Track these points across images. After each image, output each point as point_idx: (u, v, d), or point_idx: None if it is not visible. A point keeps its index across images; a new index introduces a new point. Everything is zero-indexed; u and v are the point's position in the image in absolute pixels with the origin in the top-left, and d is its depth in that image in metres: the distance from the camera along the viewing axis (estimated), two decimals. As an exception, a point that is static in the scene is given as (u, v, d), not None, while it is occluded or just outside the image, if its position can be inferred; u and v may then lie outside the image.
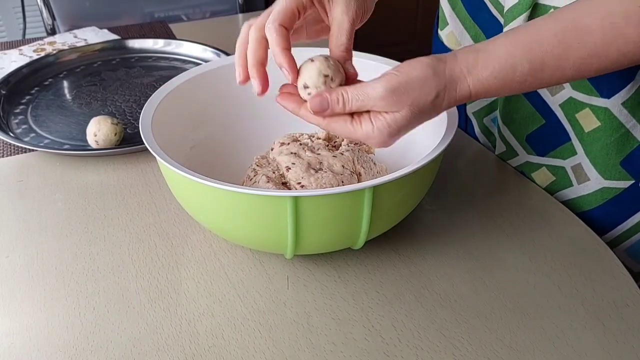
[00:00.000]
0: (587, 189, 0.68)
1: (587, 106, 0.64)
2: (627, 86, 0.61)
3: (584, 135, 0.66)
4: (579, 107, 0.64)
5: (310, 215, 0.51)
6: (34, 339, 0.52)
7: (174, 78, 0.68)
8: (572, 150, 0.68)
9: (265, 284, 0.58)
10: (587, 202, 0.69)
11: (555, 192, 0.71)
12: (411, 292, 0.56)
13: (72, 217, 0.67)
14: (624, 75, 0.60)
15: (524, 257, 0.60)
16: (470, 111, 0.82)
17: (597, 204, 0.68)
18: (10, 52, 1.10)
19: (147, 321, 0.54)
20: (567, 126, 0.67)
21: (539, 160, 0.71)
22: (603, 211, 0.68)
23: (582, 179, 0.68)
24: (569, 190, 0.70)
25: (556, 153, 0.69)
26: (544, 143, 0.70)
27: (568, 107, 0.66)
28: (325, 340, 0.52)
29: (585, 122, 0.65)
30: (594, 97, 0.63)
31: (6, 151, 0.80)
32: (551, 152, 0.70)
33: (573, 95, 0.64)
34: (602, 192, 0.67)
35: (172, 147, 0.58)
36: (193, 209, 0.58)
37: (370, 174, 0.60)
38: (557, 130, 0.68)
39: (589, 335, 0.52)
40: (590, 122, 0.64)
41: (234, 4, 1.56)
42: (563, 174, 0.70)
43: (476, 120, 0.82)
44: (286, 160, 0.59)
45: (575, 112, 0.65)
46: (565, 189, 0.70)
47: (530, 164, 0.72)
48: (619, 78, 0.61)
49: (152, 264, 0.60)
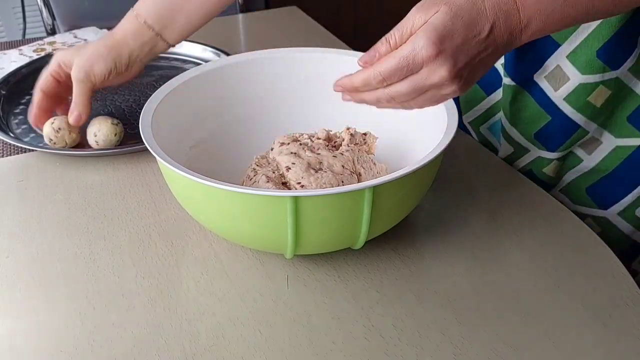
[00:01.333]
0: (601, 153, 0.70)
1: (600, 83, 0.65)
2: (631, 55, 0.65)
3: (596, 111, 0.67)
4: (591, 89, 0.66)
5: (310, 215, 0.51)
6: (34, 339, 0.52)
7: (173, 78, 0.68)
8: (583, 133, 0.70)
9: (265, 283, 0.58)
10: (599, 170, 0.71)
11: (563, 175, 0.74)
12: (411, 292, 0.56)
13: (72, 217, 0.67)
14: (628, 45, 0.64)
15: (524, 256, 0.60)
16: (466, 121, 0.83)
17: (611, 168, 0.70)
18: (10, 52, 1.10)
19: (147, 321, 0.54)
20: (574, 117, 0.68)
21: (550, 155, 0.73)
22: (617, 175, 0.70)
23: (593, 147, 0.71)
24: (578, 168, 0.72)
25: (566, 146, 0.71)
26: (553, 138, 0.72)
27: (576, 96, 0.67)
28: (326, 340, 0.52)
29: (597, 99, 0.66)
30: (606, 73, 0.65)
31: (6, 151, 0.80)
32: (561, 145, 0.72)
33: (583, 81, 0.66)
34: (616, 153, 0.69)
35: (172, 147, 0.58)
36: (193, 209, 0.58)
37: (370, 174, 0.60)
38: (564, 124, 0.69)
39: (589, 334, 0.52)
40: (603, 95, 0.66)
41: (234, 4, 1.56)
42: (571, 156, 0.72)
43: (473, 130, 0.83)
44: (286, 160, 0.59)
45: (587, 96, 0.66)
46: (573, 168, 0.73)
47: (541, 160, 0.74)
48: (623, 51, 0.64)
49: (152, 264, 0.60)
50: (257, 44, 1.17)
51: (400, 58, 0.48)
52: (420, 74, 0.48)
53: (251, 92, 0.74)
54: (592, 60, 0.64)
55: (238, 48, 1.13)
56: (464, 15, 0.47)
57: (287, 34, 1.21)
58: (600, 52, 0.64)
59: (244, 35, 1.25)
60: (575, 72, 0.66)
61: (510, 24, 0.49)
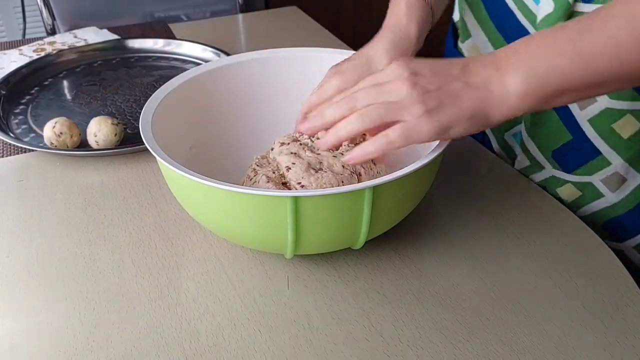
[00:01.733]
0: (625, 192, 0.67)
1: (628, 112, 0.62)
2: None
3: (622, 143, 0.64)
4: (618, 116, 0.63)
5: (310, 215, 0.51)
6: (34, 339, 0.52)
7: (174, 78, 0.68)
8: (604, 163, 0.66)
9: (265, 284, 0.58)
10: (622, 206, 0.67)
11: (581, 207, 0.69)
12: (411, 292, 0.56)
13: (72, 217, 0.67)
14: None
15: (524, 257, 0.60)
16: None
17: (634, 204, 0.67)
18: (10, 52, 1.10)
19: (147, 321, 0.54)
20: (597, 142, 0.65)
21: (565, 177, 0.69)
22: (639, 210, 0.67)
23: (617, 185, 0.67)
24: (599, 202, 0.68)
25: (583, 170, 0.67)
26: (570, 160, 0.68)
27: (601, 120, 0.63)
28: (326, 340, 0.52)
29: (624, 129, 0.63)
30: (635, 101, 0.61)
31: (6, 151, 0.80)
32: (579, 169, 0.68)
33: (610, 106, 0.62)
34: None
35: (172, 147, 0.58)
36: (193, 209, 0.58)
37: (370, 173, 0.60)
38: (585, 147, 0.66)
39: (589, 335, 0.52)
40: (631, 127, 0.63)
41: (234, 4, 1.56)
42: (591, 189, 0.68)
43: (495, 136, 0.79)
44: (286, 160, 0.59)
45: (612, 122, 0.63)
46: (593, 202, 0.68)
47: (556, 179, 0.70)
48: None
49: (152, 264, 0.60)
50: (257, 44, 1.17)
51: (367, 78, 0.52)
52: (381, 73, 0.51)
53: (251, 92, 0.74)
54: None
55: (238, 48, 1.13)
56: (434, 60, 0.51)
57: (287, 34, 1.21)
58: None
59: (244, 35, 1.25)
60: (604, 96, 0.62)
61: (484, 63, 0.50)
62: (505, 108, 0.50)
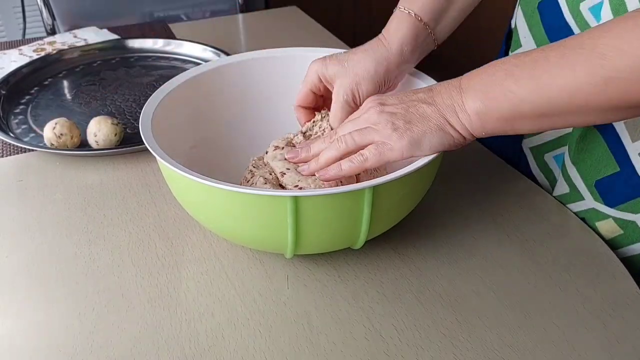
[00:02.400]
0: None
1: None
2: None
3: None
4: None
5: (310, 215, 0.51)
6: (34, 339, 0.52)
7: (173, 78, 0.68)
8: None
9: (265, 283, 0.58)
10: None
11: (621, 247, 0.65)
12: (411, 292, 0.56)
13: (72, 217, 0.67)
14: None
15: (524, 256, 0.60)
16: (528, 145, 0.74)
17: None
18: (10, 52, 1.10)
19: (147, 321, 0.54)
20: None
21: (607, 211, 0.64)
22: None
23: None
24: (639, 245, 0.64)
25: (628, 206, 0.62)
26: (615, 193, 0.63)
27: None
28: (325, 340, 0.52)
29: None
30: None
31: (6, 151, 0.80)
32: (622, 204, 0.63)
33: None
34: None
35: (172, 147, 0.58)
36: (193, 209, 0.58)
37: (369, 173, 0.60)
38: (632, 181, 0.61)
39: (589, 335, 0.52)
40: None
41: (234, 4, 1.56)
42: (633, 228, 0.63)
43: (533, 155, 0.75)
44: (280, 166, 0.59)
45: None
46: (635, 244, 0.64)
47: (596, 212, 0.65)
48: None
49: (152, 264, 0.60)
50: (257, 44, 1.17)
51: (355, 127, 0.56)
52: (356, 112, 0.58)
53: (251, 92, 0.74)
54: None
55: (238, 48, 1.13)
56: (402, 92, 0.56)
57: (287, 34, 1.21)
58: None
59: (244, 35, 1.25)
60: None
61: (450, 86, 0.53)
62: (466, 127, 0.52)
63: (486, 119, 0.51)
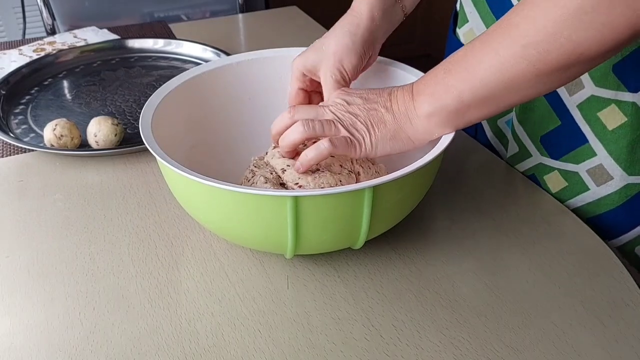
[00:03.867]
0: (609, 188, 0.67)
1: (613, 102, 0.63)
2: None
3: (606, 134, 0.64)
4: (603, 104, 0.63)
5: (310, 215, 0.51)
6: (34, 339, 0.52)
7: (173, 78, 0.68)
8: (590, 152, 0.66)
9: (265, 283, 0.58)
10: (606, 203, 0.67)
11: (567, 200, 0.70)
12: (411, 292, 0.56)
13: (72, 217, 0.67)
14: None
15: (524, 256, 0.60)
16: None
17: (619, 203, 0.67)
18: (10, 52, 1.10)
19: (147, 321, 0.54)
20: (584, 128, 0.65)
21: (552, 164, 0.70)
22: (624, 210, 0.67)
23: (602, 180, 0.67)
24: (584, 195, 0.68)
25: (570, 157, 0.68)
26: (558, 145, 0.69)
27: (588, 106, 0.64)
28: (325, 340, 0.52)
29: (609, 119, 0.64)
30: (620, 92, 0.62)
31: (6, 151, 0.80)
32: (565, 155, 0.68)
33: (595, 94, 0.63)
34: (626, 189, 0.66)
35: (172, 147, 0.58)
36: (193, 209, 0.58)
37: (368, 173, 0.60)
38: (573, 132, 0.67)
39: (589, 335, 0.52)
40: (616, 118, 0.63)
41: (234, 4, 1.56)
42: (577, 180, 0.68)
43: (489, 124, 0.80)
44: (280, 164, 0.59)
45: (598, 110, 0.64)
46: (579, 195, 0.69)
47: (543, 166, 0.71)
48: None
49: (152, 264, 0.60)
50: (257, 44, 1.17)
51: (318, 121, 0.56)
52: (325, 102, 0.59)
53: (251, 92, 0.74)
54: (607, 73, 0.62)
55: (238, 48, 1.13)
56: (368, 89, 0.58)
57: (287, 34, 1.21)
58: (617, 67, 0.61)
59: (244, 35, 1.25)
60: (589, 82, 0.63)
61: (404, 91, 0.56)
62: (420, 132, 0.55)
63: (437, 120, 0.54)
